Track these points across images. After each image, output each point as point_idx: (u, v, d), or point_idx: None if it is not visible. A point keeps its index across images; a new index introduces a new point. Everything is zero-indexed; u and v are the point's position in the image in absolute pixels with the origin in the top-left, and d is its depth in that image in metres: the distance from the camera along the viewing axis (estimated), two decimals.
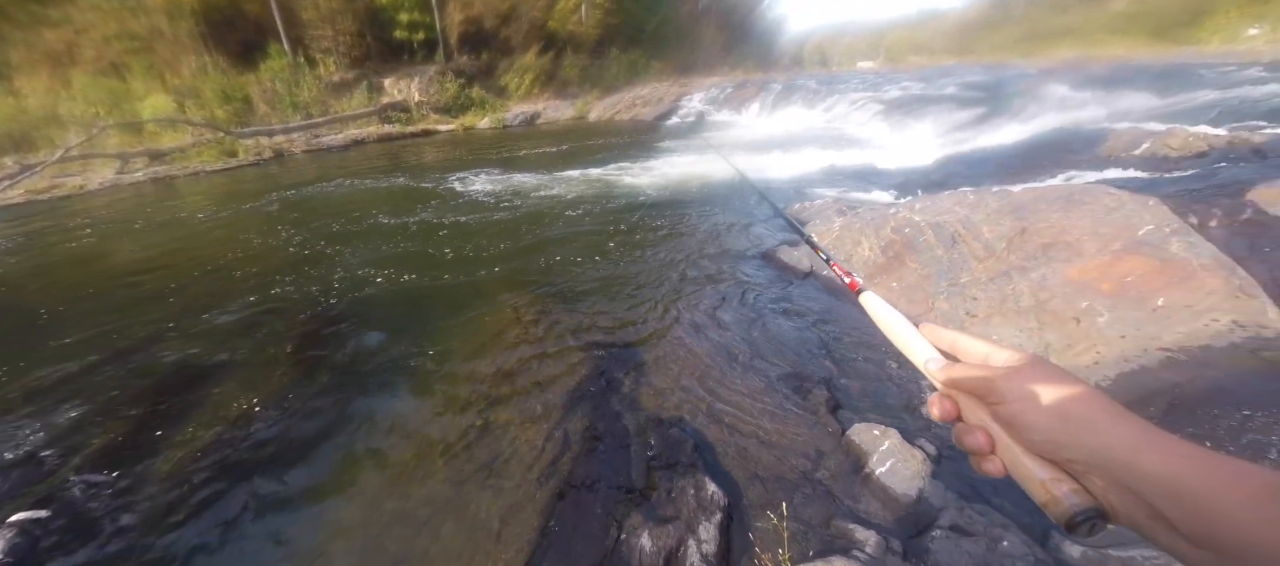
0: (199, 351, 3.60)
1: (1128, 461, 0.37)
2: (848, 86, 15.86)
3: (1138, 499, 0.36)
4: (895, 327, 0.61)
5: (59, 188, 10.87)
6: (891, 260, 3.85)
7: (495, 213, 6.69)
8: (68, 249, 6.71)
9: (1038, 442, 0.42)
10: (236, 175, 11.78)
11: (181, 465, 2.50)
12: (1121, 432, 0.38)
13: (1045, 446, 0.42)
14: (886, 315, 0.62)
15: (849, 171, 7.89)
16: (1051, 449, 0.41)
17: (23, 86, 14.72)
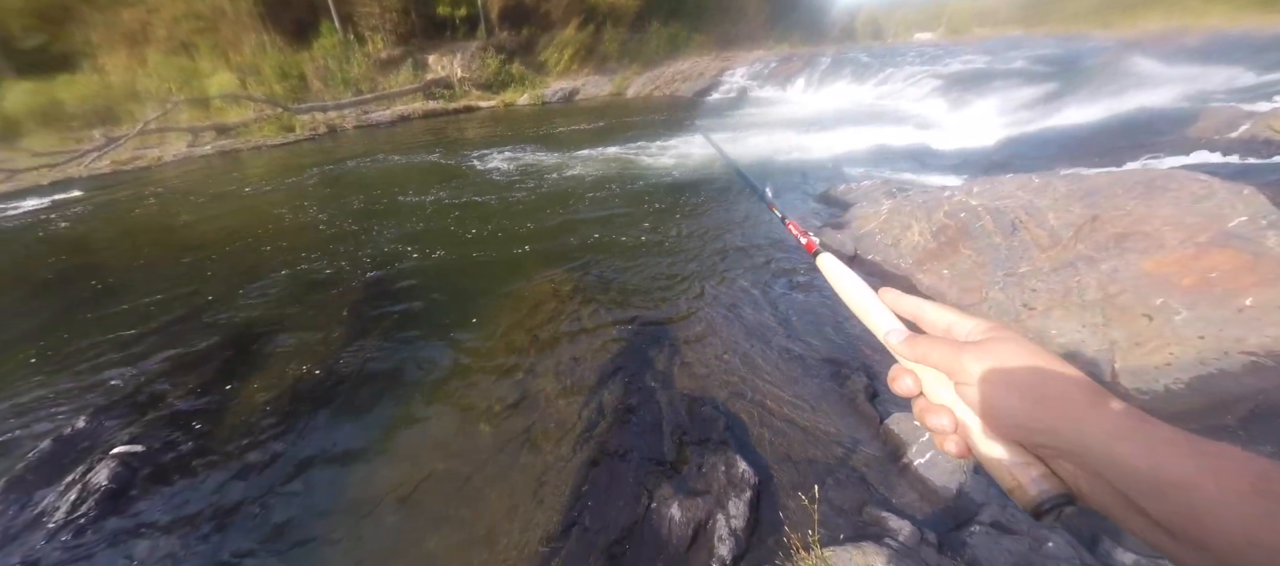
0: (263, 312, 3.88)
1: (1104, 450, 0.34)
2: (903, 60, 14.97)
3: (1111, 488, 0.34)
4: (854, 294, 0.56)
5: (139, 159, 11.79)
6: (943, 246, 3.67)
7: (533, 189, 6.78)
8: (148, 216, 7.31)
9: (1005, 425, 0.39)
10: (294, 149, 12.40)
11: (247, 415, 2.73)
12: (1097, 417, 0.35)
13: (1013, 429, 0.39)
14: (845, 280, 0.58)
15: (900, 151, 7.50)
16: (1020, 432, 0.38)
17: (105, 64, 15.89)
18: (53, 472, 2.38)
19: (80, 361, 3.42)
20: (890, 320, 0.51)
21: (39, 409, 2.94)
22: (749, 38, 24.88)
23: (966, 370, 0.41)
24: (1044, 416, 0.36)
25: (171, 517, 2.16)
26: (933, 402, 0.45)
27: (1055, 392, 0.37)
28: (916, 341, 0.46)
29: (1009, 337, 0.41)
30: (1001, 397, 0.39)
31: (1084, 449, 0.34)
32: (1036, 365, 0.39)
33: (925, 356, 0.45)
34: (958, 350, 0.42)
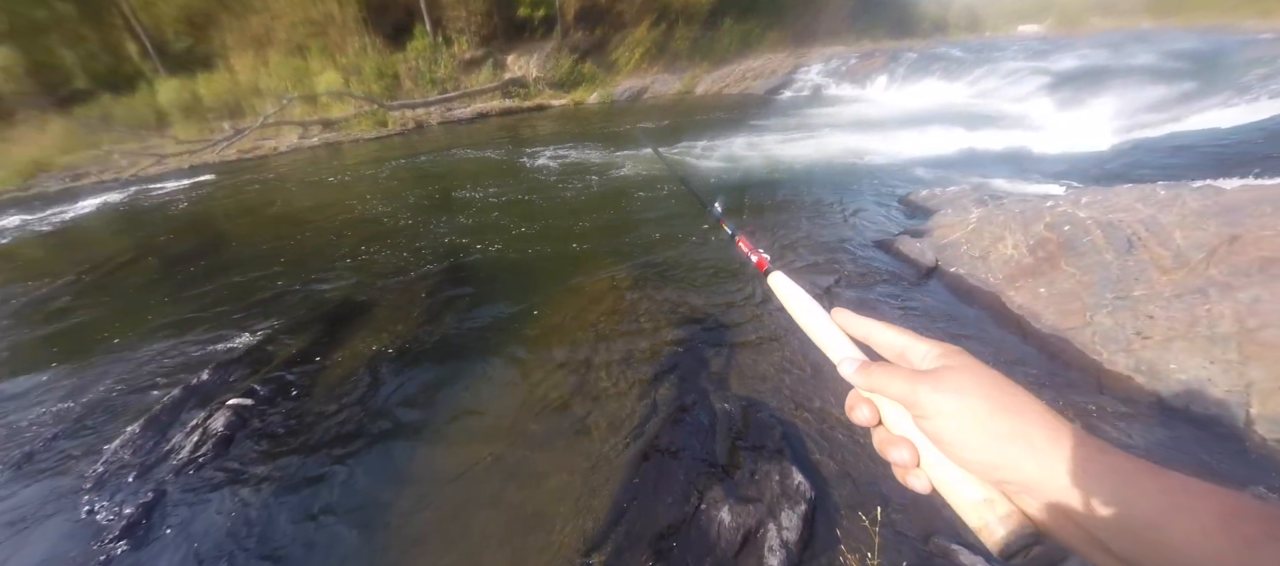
0: (354, 288, 4.27)
1: (1066, 486, 0.32)
2: (1002, 55, 13.67)
3: (1077, 524, 0.32)
4: (806, 316, 0.53)
5: (259, 148, 13.36)
6: (1041, 262, 3.32)
7: (595, 185, 6.92)
8: (263, 199, 8.27)
9: (967, 461, 0.37)
10: (386, 143, 13.50)
11: (335, 381, 3.02)
12: (1058, 451, 0.33)
13: (976, 465, 0.36)
14: (796, 301, 0.55)
15: (994, 155, 6.86)
16: (982, 468, 0.36)
17: (235, 64, 18.14)
18: (180, 416, 2.77)
19: (205, 322, 3.94)
20: (844, 345, 0.48)
21: (173, 360, 3.43)
22: (827, 33, 23.81)
23: (923, 401, 0.39)
24: (1004, 451, 0.35)
25: (268, 465, 2.44)
26: (892, 434, 0.42)
27: (1016, 426, 0.35)
28: (871, 370, 0.44)
29: (965, 365, 0.39)
30: (960, 432, 0.37)
31: (1046, 485, 0.33)
32: (994, 396, 0.37)
33: (881, 387, 0.43)
34: (913, 381, 0.40)
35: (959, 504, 0.38)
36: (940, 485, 0.40)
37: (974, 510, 0.37)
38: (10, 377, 3.48)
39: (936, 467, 0.39)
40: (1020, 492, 0.35)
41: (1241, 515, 0.27)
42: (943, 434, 0.38)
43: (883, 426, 0.44)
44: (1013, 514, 0.35)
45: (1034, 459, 0.33)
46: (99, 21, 16.13)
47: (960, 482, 0.38)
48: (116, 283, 5.24)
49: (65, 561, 2.05)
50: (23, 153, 13.57)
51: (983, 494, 0.37)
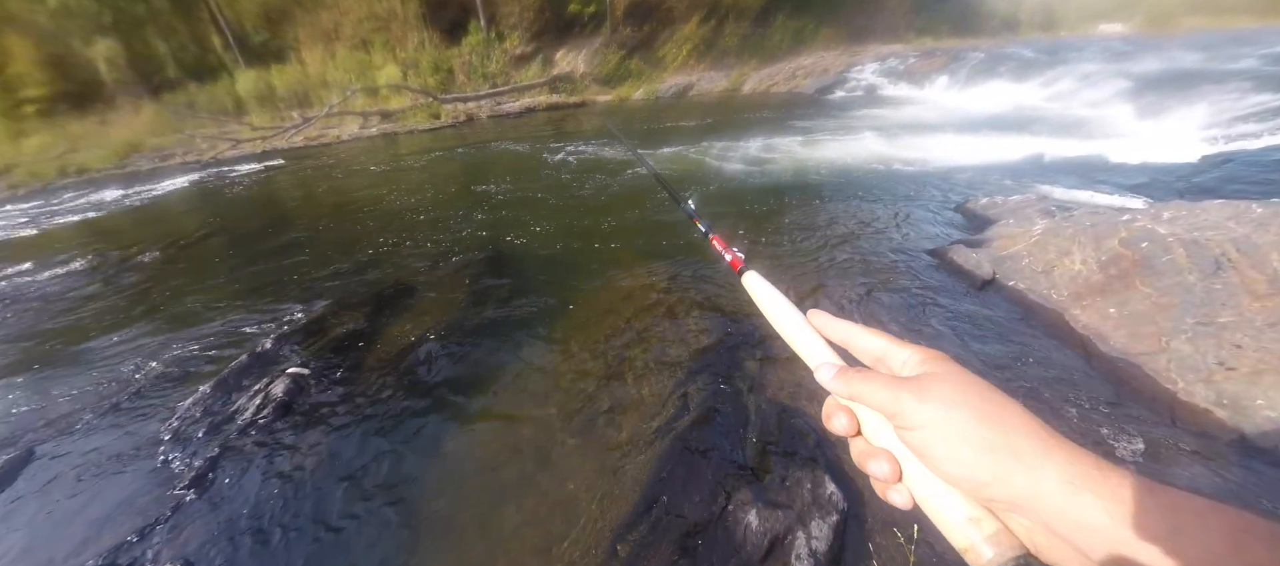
0: (404, 270, 4.48)
1: (1060, 503, 0.30)
2: (1079, 57, 12.72)
3: (1069, 544, 0.30)
4: (782, 318, 0.50)
5: (323, 136, 14.19)
6: (1113, 279, 3.08)
7: (634, 181, 6.94)
8: (326, 184, 8.79)
9: (953, 476, 0.34)
10: (438, 134, 14.04)
11: (384, 357, 3.18)
12: (1052, 466, 0.31)
13: (961, 481, 0.34)
14: (772, 302, 0.52)
15: (1064, 163, 6.40)
16: (969, 484, 0.34)
17: (305, 57, 19.32)
18: (244, 380, 2.99)
19: (269, 295, 4.24)
20: (822, 350, 0.46)
21: (240, 329, 3.71)
22: (885, 31, 22.86)
23: (906, 412, 0.36)
24: (992, 466, 0.32)
25: (319, 431, 2.60)
26: (872, 446, 0.40)
27: (1004, 439, 0.33)
28: (851, 376, 0.41)
29: (950, 372, 0.36)
30: (945, 445, 0.34)
31: (1038, 502, 0.31)
32: (982, 406, 0.34)
33: (861, 395, 0.40)
34: (896, 389, 0.37)
35: (943, 521, 0.36)
36: (923, 501, 0.37)
37: (959, 528, 0.35)
38: (105, 336, 3.87)
39: (919, 482, 0.37)
40: (1009, 510, 0.33)
41: (1251, 534, 0.25)
42: (926, 446, 0.35)
43: (862, 437, 0.41)
44: (1001, 533, 0.33)
45: (1025, 475, 0.31)
46: (189, 15, 17.56)
47: (945, 498, 0.36)
48: (193, 255, 5.72)
49: (142, 503, 2.27)
50: (120, 135, 15.00)
51: (969, 511, 0.34)
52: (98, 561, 2.00)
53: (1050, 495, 0.30)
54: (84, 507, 2.29)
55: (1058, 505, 0.30)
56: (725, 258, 0.61)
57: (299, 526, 2.11)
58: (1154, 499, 0.28)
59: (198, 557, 2.00)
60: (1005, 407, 0.34)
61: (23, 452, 2.64)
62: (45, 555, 2.08)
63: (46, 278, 5.41)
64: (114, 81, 16.35)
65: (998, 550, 0.33)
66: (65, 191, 11.21)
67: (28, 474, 2.53)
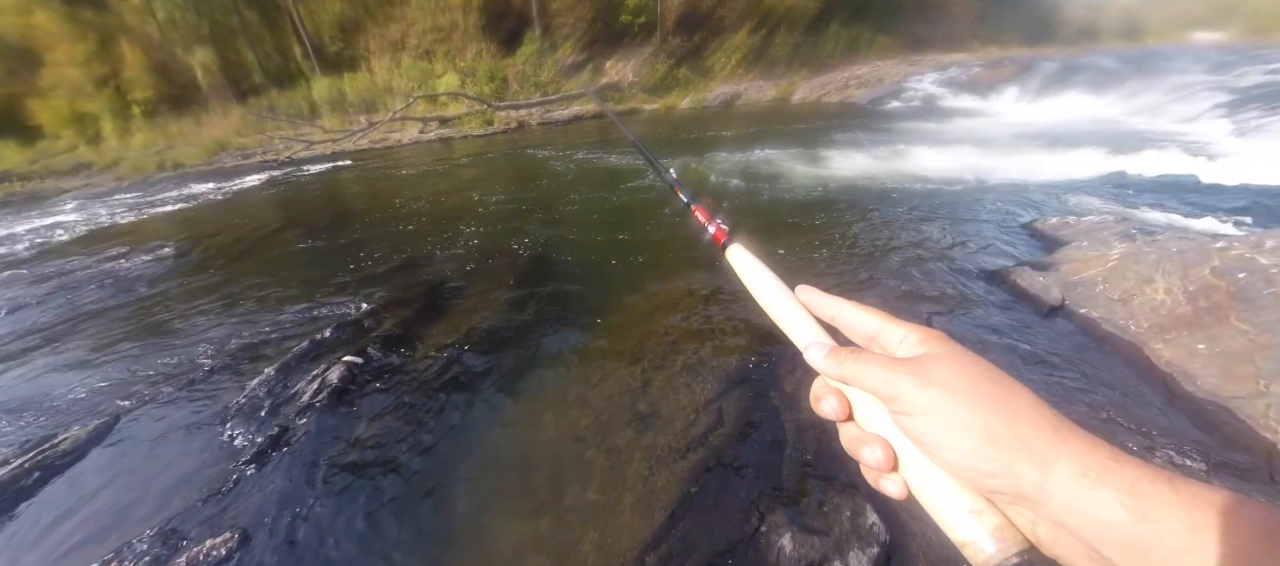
0: (452, 268, 4.66)
1: (1071, 496, 0.28)
2: (1169, 67, 11.69)
3: (1078, 539, 0.28)
4: (768, 295, 0.47)
5: (386, 140, 15.06)
6: (1202, 312, 2.78)
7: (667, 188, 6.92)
8: (387, 184, 9.30)
9: (954, 465, 0.32)
10: (491, 140, 14.59)
11: (431, 350, 3.30)
12: (1064, 456, 0.29)
13: (964, 471, 0.32)
14: (758, 278, 0.48)
15: (1147, 182, 5.86)
16: (970, 474, 0.31)
17: (374, 65, 20.62)
18: (305, 365, 3.19)
19: (331, 287, 4.52)
20: (811, 329, 0.43)
21: (303, 317, 3.97)
22: (947, 39, 21.86)
23: (904, 396, 0.34)
24: (998, 455, 0.30)
25: (370, 416, 2.73)
26: (865, 432, 0.37)
27: (1012, 427, 0.30)
28: (843, 357, 0.38)
29: (951, 353, 0.34)
30: (947, 432, 0.32)
31: (1047, 494, 0.29)
32: (988, 391, 0.32)
33: (854, 376, 0.37)
34: (892, 370, 0.35)
35: (941, 514, 0.33)
36: (919, 491, 0.35)
37: (959, 522, 0.32)
38: (187, 318, 4.24)
39: (916, 471, 0.35)
40: (1014, 503, 0.31)
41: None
42: (926, 433, 0.33)
43: (853, 422, 0.39)
44: (1004, 527, 0.31)
45: (1035, 466, 0.29)
46: (274, 27, 19.15)
47: (943, 489, 0.33)
48: (266, 247, 6.18)
49: (208, 474, 2.45)
50: (210, 134, 16.52)
51: (970, 503, 0.32)
52: (167, 523, 2.18)
53: (1062, 488, 0.28)
54: (158, 473, 2.50)
55: (1070, 498, 0.28)
56: (708, 230, 0.57)
57: (343, 505, 2.21)
58: (1177, 493, 0.26)
59: (253, 526, 2.13)
60: (1013, 393, 0.32)
61: (110, 419, 2.92)
62: (124, 513, 2.29)
63: (140, 262, 6.00)
64: (208, 86, 18.05)
65: (1000, 545, 0.31)
66: (162, 184, 12.45)
67: (112, 438, 2.80)
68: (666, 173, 0.72)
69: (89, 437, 2.76)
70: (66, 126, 16.28)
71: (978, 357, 0.34)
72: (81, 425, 2.85)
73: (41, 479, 2.52)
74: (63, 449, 2.66)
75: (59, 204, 11.23)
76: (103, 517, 2.29)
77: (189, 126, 17.20)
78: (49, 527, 2.27)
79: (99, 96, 16.64)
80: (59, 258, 6.64)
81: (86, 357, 3.75)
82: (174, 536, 2.11)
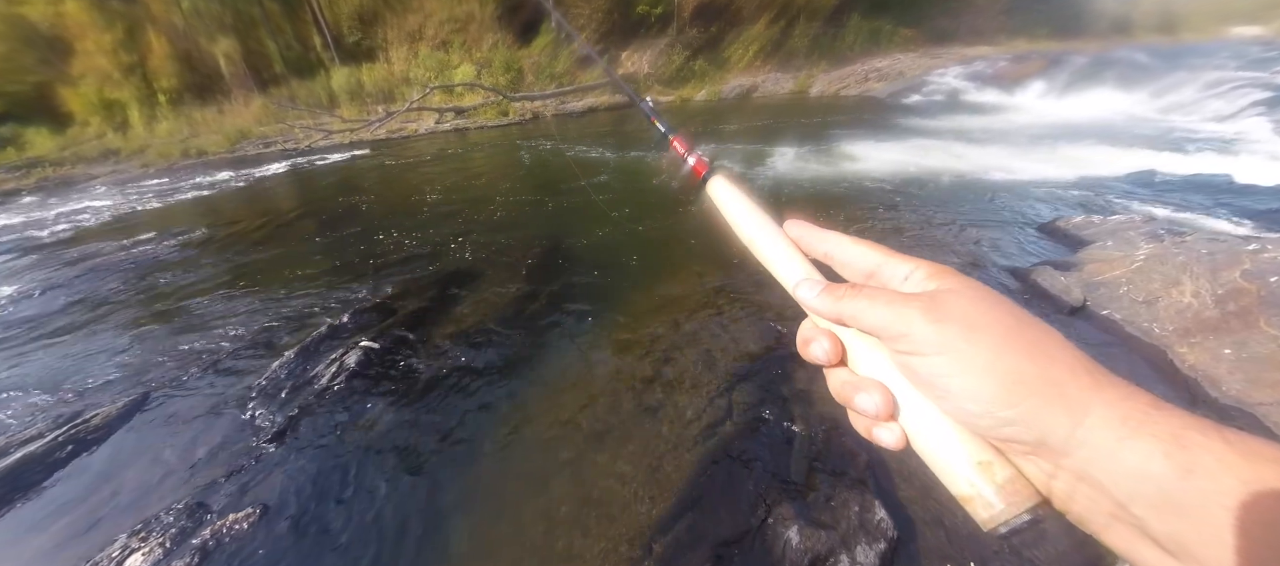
0: (466, 257, 4.71)
1: (1108, 449, 0.25)
2: (1205, 63, 11.27)
3: (1104, 494, 0.25)
4: (752, 229, 0.43)
5: (403, 130, 15.20)
6: (1230, 317, 2.70)
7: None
8: (402, 174, 9.41)
9: (970, 412, 0.29)
10: (506, 131, 14.65)
11: (445, 337, 3.36)
12: (1102, 404, 0.26)
13: (981, 418, 0.29)
14: (741, 213, 0.44)
15: (1177, 181, 5.68)
16: (986, 421, 0.28)
17: (392, 56, 20.78)
18: (324, 349, 3.27)
19: (348, 274, 4.60)
20: (801, 266, 0.40)
21: (322, 302, 4.05)
22: (972, 32, 21.33)
23: (915, 333, 0.30)
24: (1024, 401, 0.27)
25: (384, 399, 2.79)
26: (859, 377, 0.34)
27: (1042, 369, 0.27)
28: (842, 293, 0.35)
29: (970, 288, 0.31)
30: (966, 374, 0.28)
31: (1077, 444, 0.26)
32: (1013, 328, 0.29)
33: (854, 315, 0.34)
34: (901, 306, 0.31)
35: (943, 466, 0.31)
36: (919, 440, 0.32)
37: (964, 475, 0.30)
38: (211, 302, 4.36)
39: (916, 419, 0.32)
40: (1031, 454, 0.28)
41: None
42: (938, 376, 0.29)
43: (845, 367, 0.36)
44: (1014, 481, 0.29)
45: (1067, 413, 0.26)
46: (295, 17, 19.38)
47: (948, 439, 0.30)
48: (286, 234, 6.31)
49: (231, 451, 2.53)
50: (233, 123, 16.84)
51: (977, 454, 0.29)
52: (193, 497, 2.26)
53: (1096, 437, 0.26)
54: (184, 449, 2.59)
55: (1104, 449, 0.25)
56: (687, 162, 0.52)
57: (358, 486, 2.27)
58: (1231, 447, 0.23)
59: (272, 502, 2.20)
60: (1042, 332, 0.29)
61: (139, 397, 3.02)
62: (151, 486, 2.38)
63: (166, 247, 6.18)
64: (231, 75, 18.38)
65: (1010, 501, 0.28)
66: (186, 171, 12.75)
67: (141, 415, 2.91)
68: (643, 102, 0.68)
69: (119, 414, 2.87)
70: (95, 114, 16.73)
71: (999, 294, 0.31)
72: (112, 402, 2.96)
73: (74, 452, 2.62)
74: (94, 424, 2.77)
75: (88, 189, 11.58)
76: (132, 490, 2.38)
77: (212, 115, 17.55)
78: (81, 498, 2.37)
79: (126, 85, 17.05)
80: (89, 242, 6.86)
81: (116, 338, 3.88)
82: (199, 510, 2.19)
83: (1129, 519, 0.25)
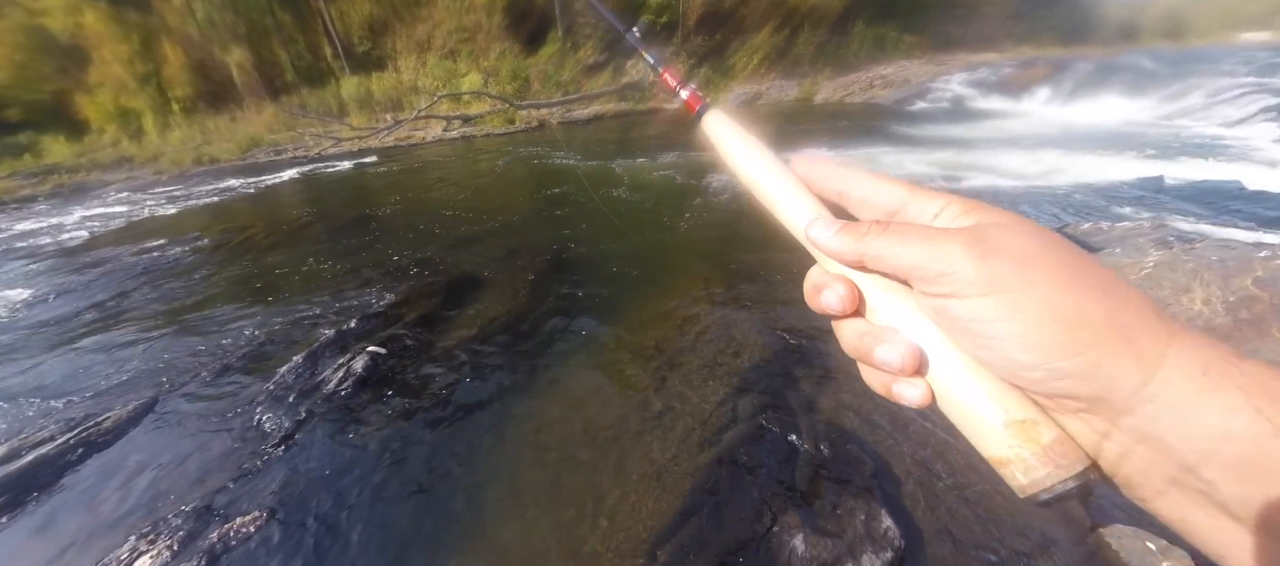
0: (473, 264, 4.75)
1: (1182, 405, 0.22)
2: (1214, 68, 11.20)
3: (1167, 457, 0.22)
4: (754, 167, 0.38)
5: (411, 138, 15.36)
6: (1243, 325, 2.66)
7: (692, 189, 6.91)
8: (410, 181, 9.50)
9: (1016, 362, 0.25)
10: (512, 138, 14.77)
11: (451, 342, 3.38)
12: (1178, 353, 0.22)
13: (1031, 370, 0.25)
14: (742, 149, 0.39)
15: (1187, 187, 5.64)
16: (1037, 373, 0.25)
17: (401, 65, 21.05)
18: (332, 354, 3.30)
19: (356, 280, 4.64)
20: (810, 205, 0.35)
21: (330, 308, 4.09)
22: (979, 38, 21.32)
23: (958, 271, 0.26)
24: (1087, 348, 0.23)
25: (390, 404, 2.81)
26: (878, 326, 0.31)
27: (1110, 312, 0.24)
28: (866, 230, 0.30)
29: (1018, 221, 0.27)
30: (1016, 316, 0.25)
31: (1145, 398, 0.23)
32: (1076, 266, 0.25)
33: (882, 254, 0.29)
34: (940, 240, 0.27)
35: (978, 424, 0.27)
36: (948, 396, 0.28)
37: (1001, 435, 0.26)
38: (221, 307, 4.41)
39: (946, 371, 0.28)
40: (1084, 410, 0.25)
41: None
42: (984, 320, 0.26)
43: (860, 317, 0.32)
44: (1061, 443, 0.25)
45: (1137, 364, 0.23)
46: (306, 27, 19.71)
47: (983, 394, 0.27)
48: (295, 240, 6.38)
49: (239, 455, 2.55)
50: (244, 131, 17.09)
51: (1019, 412, 0.26)
52: (201, 499, 2.28)
53: (1170, 391, 0.22)
54: (193, 452, 2.61)
55: (1177, 404, 0.22)
56: (680, 95, 0.48)
57: (364, 490, 2.28)
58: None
59: (280, 506, 2.22)
60: (1105, 272, 0.25)
61: (148, 401, 3.06)
62: (161, 489, 2.40)
63: (178, 252, 6.26)
64: (243, 84, 18.67)
65: (1056, 465, 0.25)
66: (198, 178, 12.94)
67: (151, 418, 2.94)
68: (630, 32, 0.64)
69: (130, 417, 2.90)
70: (111, 122, 17.05)
71: (1052, 232, 0.27)
72: (123, 405, 3.00)
73: (86, 454, 2.66)
74: (106, 426, 2.81)
75: (103, 195, 11.78)
76: (141, 492, 2.40)
77: (224, 123, 17.83)
78: (92, 500, 2.39)
79: (142, 93, 17.38)
80: (102, 247, 6.97)
81: (128, 342, 3.93)
82: (207, 512, 2.21)
83: (1194, 483, 0.22)
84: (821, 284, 0.33)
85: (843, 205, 0.35)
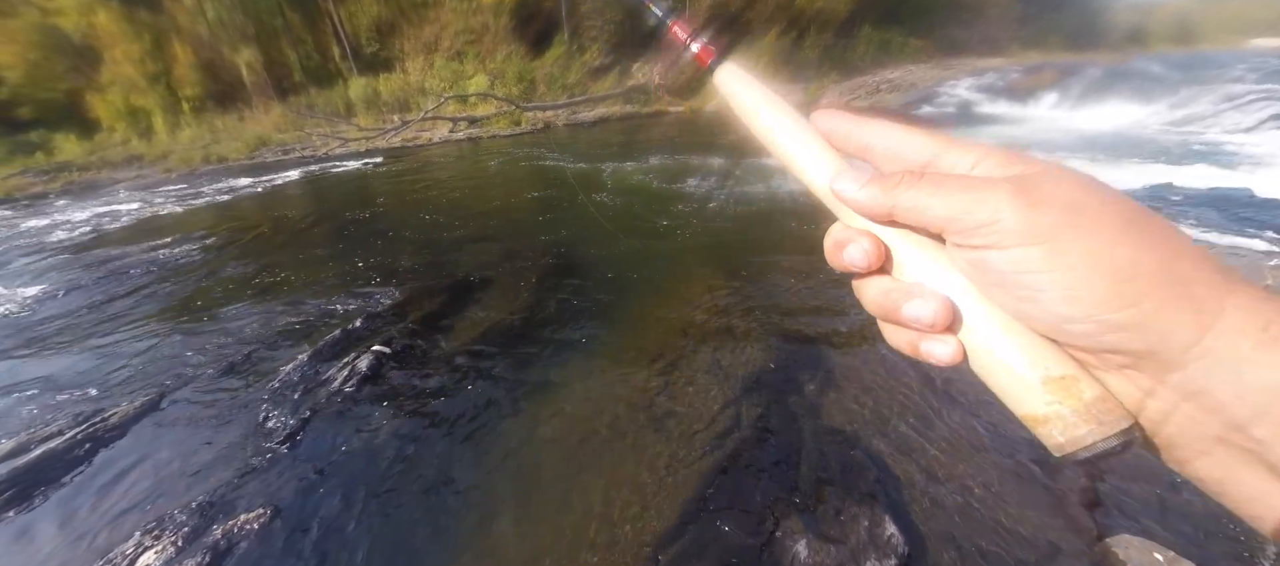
0: (477, 265, 4.76)
1: (1240, 360, 0.21)
2: (1224, 74, 11.11)
3: (1216, 414, 0.21)
4: (774, 124, 0.36)
5: (417, 139, 15.44)
6: None
7: (696, 191, 6.91)
8: (415, 182, 9.55)
9: (1061, 315, 0.24)
10: (518, 140, 14.82)
11: (456, 341, 3.39)
12: (1237, 307, 0.21)
13: (1078, 323, 0.23)
14: (757, 101, 0.37)
15: (1197, 196, 5.59)
16: (1088, 329, 0.23)
17: (408, 66, 21.18)
18: (336, 353, 3.31)
19: (361, 279, 4.67)
20: (831, 158, 0.33)
21: (336, 307, 4.12)
22: (985, 43, 21.26)
23: (1002, 220, 0.24)
24: (1140, 300, 0.22)
25: (394, 403, 2.82)
26: (906, 283, 0.29)
27: (1166, 264, 0.22)
28: (897, 180, 0.29)
29: (1062, 170, 0.25)
30: (1067, 270, 0.23)
31: (1200, 353, 0.21)
32: (1128, 215, 0.23)
33: (915, 206, 0.27)
34: (983, 188, 0.25)
35: (1013, 381, 0.26)
36: (981, 353, 0.27)
37: (1040, 393, 0.25)
38: (228, 305, 4.44)
39: (979, 327, 0.27)
40: (1130, 366, 0.24)
41: None
42: (1028, 271, 0.24)
43: (886, 274, 0.31)
44: (1104, 400, 0.24)
45: (1193, 317, 0.22)
46: (315, 28, 19.88)
47: (1019, 350, 0.26)
48: (302, 239, 6.43)
49: (244, 452, 2.57)
50: (253, 130, 17.22)
51: (1058, 368, 0.25)
52: (205, 496, 2.29)
53: (1226, 345, 0.21)
54: (198, 449, 2.63)
55: (1233, 359, 0.21)
56: (691, 48, 0.43)
57: (367, 489, 2.29)
58: None
59: (284, 503, 2.23)
60: (1160, 222, 0.23)
61: (155, 397, 3.09)
62: (166, 485, 2.42)
63: (185, 250, 6.32)
64: (252, 84, 18.84)
65: (1098, 423, 0.24)
66: (207, 176, 13.05)
67: (157, 415, 2.96)
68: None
69: (136, 413, 2.93)
70: (121, 120, 17.24)
71: (1097, 180, 0.25)
72: (130, 401, 3.02)
73: (93, 449, 2.68)
74: (112, 422, 2.83)
75: (113, 193, 11.90)
76: (147, 488, 2.42)
77: (233, 122, 17.99)
78: (98, 495, 2.41)
79: (152, 92, 17.57)
80: (111, 244, 7.04)
81: (134, 339, 3.97)
82: (211, 508, 2.22)
83: (1243, 442, 0.21)
84: (845, 240, 0.31)
85: (868, 159, 0.33)
